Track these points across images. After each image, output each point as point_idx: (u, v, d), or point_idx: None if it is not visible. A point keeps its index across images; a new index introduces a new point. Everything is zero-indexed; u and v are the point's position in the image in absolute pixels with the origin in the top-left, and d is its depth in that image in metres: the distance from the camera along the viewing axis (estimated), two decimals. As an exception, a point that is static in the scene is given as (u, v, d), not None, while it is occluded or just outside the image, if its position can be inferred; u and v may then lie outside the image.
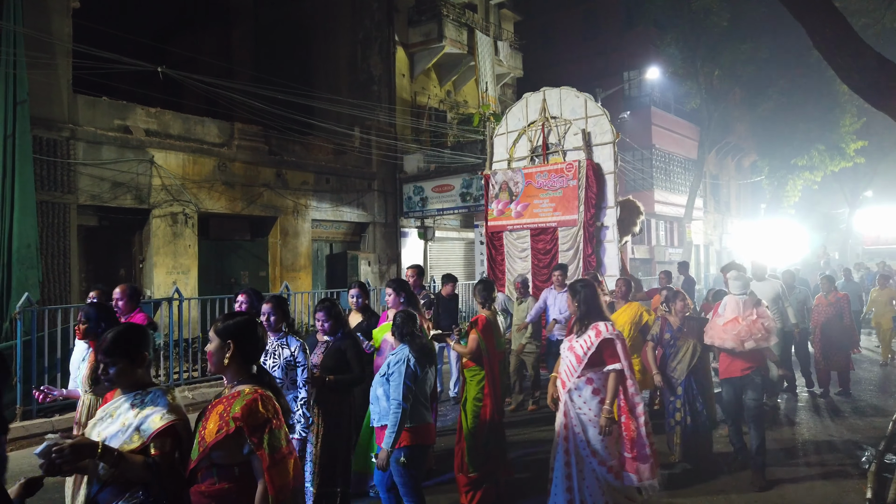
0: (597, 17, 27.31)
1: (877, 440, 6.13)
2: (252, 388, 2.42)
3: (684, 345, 5.66)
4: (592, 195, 9.09)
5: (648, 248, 27.56)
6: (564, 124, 9.64)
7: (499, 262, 10.23)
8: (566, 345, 4.22)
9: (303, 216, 14.97)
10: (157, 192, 12.06)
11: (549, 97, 9.85)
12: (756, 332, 5.24)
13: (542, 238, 9.67)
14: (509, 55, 21.08)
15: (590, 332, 4.07)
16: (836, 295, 8.89)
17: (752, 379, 5.32)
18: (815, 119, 24.56)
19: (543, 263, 9.58)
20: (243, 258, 14.31)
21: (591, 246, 9.05)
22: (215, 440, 2.32)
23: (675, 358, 5.68)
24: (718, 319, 5.47)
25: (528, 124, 10.11)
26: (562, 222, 9.45)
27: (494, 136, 10.60)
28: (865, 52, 6.51)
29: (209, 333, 2.57)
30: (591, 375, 4.04)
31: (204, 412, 2.47)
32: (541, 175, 9.71)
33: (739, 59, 21.32)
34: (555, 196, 9.53)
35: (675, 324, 5.75)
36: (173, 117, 12.66)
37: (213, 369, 2.55)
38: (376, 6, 18.48)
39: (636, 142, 25.07)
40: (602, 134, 9.30)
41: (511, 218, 10.06)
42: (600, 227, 9.14)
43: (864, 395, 8.70)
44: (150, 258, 12.07)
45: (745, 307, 5.39)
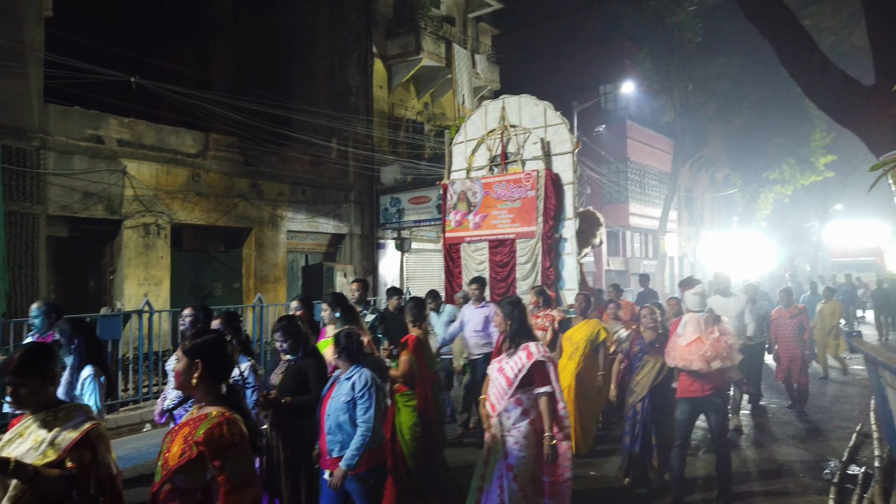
0: (573, 31, 27.64)
1: (839, 453, 6.24)
2: (219, 411, 2.36)
3: (651, 360, 5.41)
4: (551, 206, 8.80)
5: (623, 260, 27.82)
6: (524, 133, 9.38)
7: (456, 274, 9.86)
8: (495, 366, 4.06)
9: (278, 227, 14.87)
10: (129, 203, 11.90)
11: (508, 105, 9.58)
12: (722, 351, 5.03)
13: (500, 250, 9.35)
14: (487, 68, 21.25)
15: (520, 353, 3.93)
16: (796, 308, 8.84)
17: (713, 401, 5.08)
18: (785, 134, 25.07)
19: (501, 276, 9.26)
20: (217, 270, 14.17)
21: (550, 258, 8.73)
22: (178, 464, 2.26)
23: (640, 373, 5.44)
24: (680, 339, 5.20)
25: (488, 133, 9.82)
26: (520, 234, 9.14)
27: (453, 144, 10.29)
28: (830, 70, 6.67)
29: (177, 352, 2.51)
30: (521, 396, 3.90)
31: (169, 434, 2.41)
32: (499, 185, 9.41)
33: (712, 74, 21.70)
34: (513, 207, 9.22)
35: (649, 338, 5.52)
36: (147, 127, 12.53)
37: (180, 390, 2.49)
38: (355, 18, 18.53)
39: (612, 155, 25.35)
40: (561, 143, 9.04)
41: (469, 229, 9.74)
42: (559, 239, 8.83)
43: (821, 408, 8.67)
44: (121, 270, 11.89)
45: (707, 325, 5.16)
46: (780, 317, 8.78)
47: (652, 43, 21.98)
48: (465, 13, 21.51)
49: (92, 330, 4.27)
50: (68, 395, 3.91)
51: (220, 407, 2.39)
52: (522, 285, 8.93)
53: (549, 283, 8.52)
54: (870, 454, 5.85)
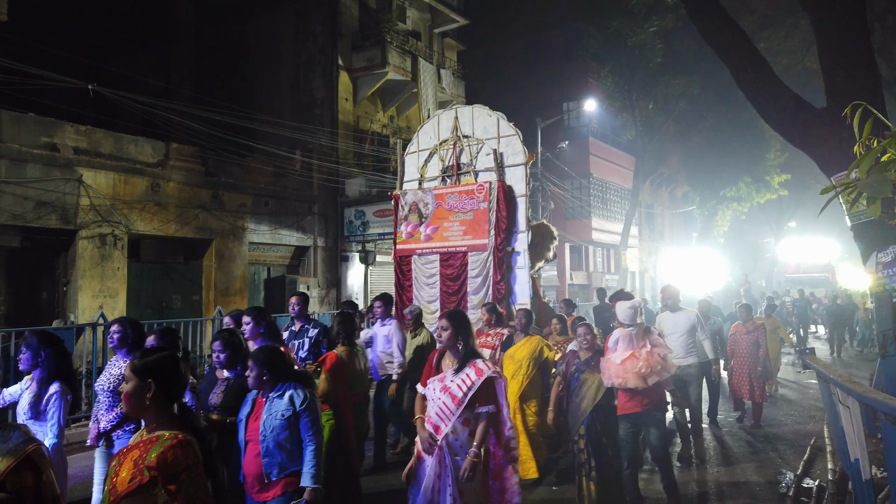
0: (537, 49, 28.06)
1: (794, 466, 6.37)
2: (172, 434, 2.27)
3: (590, 378, 5.13)
4: (503, 218, 8.55)
5: (586, 275, 28.16)
6: (477, 143, 9.17)
7: (406, 287, 9.56)
8: (436, 385, 3.75)
9: (240, 239, 14.64)
10: (84, 213, 11.59)
11: (461, 115, 9.37)
12: (656, 365, 4.92)
13: (451, 263, 9.05)
14: (452, 83, 21.40)
15: (468, 370, 3.69)
16: (754, 324, 8.77)
17: (652, 415, 4.98)
18: (741, 153, 25.82)
19: (452, 290, 8.99)
20: (176, 281, 13.86)
21: (501, 272, 8.46)
22: (128, 489, 2.16)
23: (578, 393, 5.15)
24: (614, 356, 5.05)
25: (440, 143, 9.55)
26: (472, 247, 8.86)
27: (406, 154, 10.05)
28: (784, 93, 6.89)
29: (124, 372, 2.38)
30: (469, 416, 3.67)
31: (117, 457, 2.31)
32: (451, 196, 9.15)
33: (672, 94, 22.25)
34: (465, 219, 8.95)
35: (585, 357, 5.25)
36: (104, 135, 12.24)
37: (130, 412, 2.36)
38: (320, 30, 18.48)
39: (575, 171, 25.72)
40: (514, 155, 8.86)
41: (420, 241, 9.43)
42: (511, 253, 8.55)
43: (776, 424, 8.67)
44: (75, 281, 11.54)
45: (638, 340, 5.05)
46: (738, 332, 8.73)
47: (614, 62, 22.46)
48: (430, 28, 21.66)
49: (59, 342, 4.10)
50: (34, 410, 3.79)
51: (173, 429, 2.30)
52: (473, 299, 8.73)
53: (500, 297, 8.31)
54: (823, 467, 6.00)
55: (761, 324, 8.88)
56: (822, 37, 6.86)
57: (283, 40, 19.19)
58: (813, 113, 6.72)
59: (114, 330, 4.48)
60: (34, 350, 3.87)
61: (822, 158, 6.72)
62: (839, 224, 35.43)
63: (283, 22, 19.17)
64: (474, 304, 8.58)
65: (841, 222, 31.63)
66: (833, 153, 6.53)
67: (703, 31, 7.34)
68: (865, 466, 3.60)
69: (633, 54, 21.30)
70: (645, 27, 20.28)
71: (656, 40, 20.57)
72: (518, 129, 8.97)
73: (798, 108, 6.78)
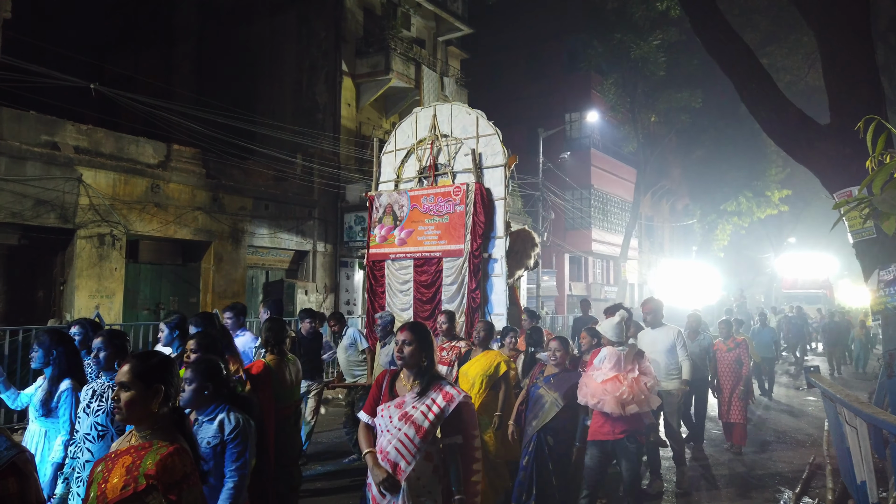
0: (541, 59, 28.14)
1: (792, 485, 6.31)
2: (167, 441, 2.19)
3: (545, 395, 4.76)
4: (480, 223, 8.06)
5: (585, 286, 28.12)
6: (455, 143, 8.72)
7: (379, 294, 9.12)
8: (392, 413, 3.11)
9: (239, 242, 14.60)
10: (83, 212, 11.54)
11: (439, 113, 8.98)
12: (639, 394, 4.56)
13: (425, 269, 8.59)
14: (455, 91, 21.41)
15: (434, 394, 3.14)
16: (735, 340, 8.33)
17: (624, 446, 4.58)
18: (743, 167, 25.88)
19: (426, 298, 8.53)
20: (173, 283, 13.81)
21: (476, 280, 7.98)
22: (120, 497, 2.08)
23: (532, 409, 4.81)
24: (596, 374, 4.66)
25: (418, 142, 9.13)
26: (447, 252, 8.37)
27: (382, 154, 9.63)
28: (788, 108, 6.88)
29: (120, 378, 2.24)
30: (431, 450, 3.11)
31: (102, 461, 2.22)
32: (427, 198, 8.69)
33: (674, 107, 22.31)
34: (441, 222, 8.49)
35: (549, 372, 4.89)
36: (105, 135, 12.22)
37: (128, 421, 2.23)
38: (324, 35, 18.51)
39: (576, 181, 25.74)
40: (493, 155, 8.38)
41: (394, 245, 8.98)
42: (487, 259, 8.07)
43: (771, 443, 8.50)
44: (73, 280, 11.48)
45: (626, 362, 4.65)
46: (719, 350, 8.30)
47: (617, 74, 22.53)
48: (434, 36, 21.71)
49: (71, 341, 4.09)
50: (45, 407, 3.77)
51: (168, 435, 2.22)
52: (448, 308, 8.17)
53: (475, 307, 7.91)
54: (823, 486, 5.94)
55: (742, 340, 8.42)
56: (826, 53, 6.86)
57: (286, 44, 19.21)
58: (816, 129, 6.71)
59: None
60: (46, 348, 3.86)
61: (825, 175, 6.71)
62: (837, 240, 35.61)
63: (287, 26, 19.19)
64: None
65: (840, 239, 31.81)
66: (836, 169, 6.52)
67: (708, 45, 7.34)
68: (872, 489, 3.54)
69: (636, 67, 21.38)
70: (648, 40, 20.36)
71: (659, 53, 20.64)
72: (498, 129, 8.46)
73: (801, 123, 6.77)
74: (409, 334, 3.18)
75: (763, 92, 6.92)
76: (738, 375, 8.12)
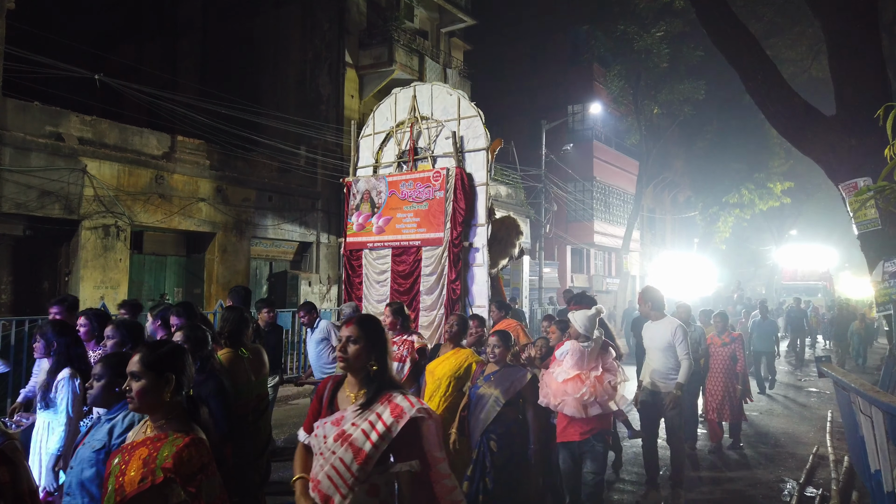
0: (544, 51, 28.05)
1: (795, 475, 6.36)
2: (182, 431, 2.17)
3: (486, 394, 4.25)
4: (461, 210, 7.63)
5: (587, 278, 28.15)
6: (436, 126, 8.21)
7: (356, 285, 8.70)
8: (328, 431, 2.38)
9: (243, 233, 14.63)
10: (88, 203, 11.57)
11: (419, 94, 8.47)
12: (602, 394, 4.23)
13: (403, 259, 8.19)
14: (458, 83, 21.35)
15: (380, 407, 2.38)
16: (731, 335, 7.82)
17: (591, 445, 4.32)
18: (745, 159, 25.85)
19: (403, 289, 8.13)
20: (178, 274, 13.86)
21: (456, 270, 7.54)
22: (137, 490, 2.05)
23: (474, 412, 4.28)
24: (557, 372, 4.33)
25: (397, 125, 8.64)
26: (426, 240, 7.94)
27: (361, 137, 9.17)
28: (794, 99, 6.88)
29: (130, 368, 2.21)
30: (377, 480, 2.36)
31: (120, 453, 2.19)
32: (406, 184, 8.24)
33: (677, 99, 22.26)
34: (420, 209, 8.06)
35: (490, 370, 4.38)
36: (110, 126, 12.23)
37: (140, 410, 2.21)
38: (327, 27, 18.46)
39: (578, 173, 25.73)
40: (475, 138, 7.90)
41: (372, 234, 8.55)
42: (468, 248, 7.63)
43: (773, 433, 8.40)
44: (77, 271, 11.53)
45: (590, 358, 4.29)
46: (712, 344, 7.74)
47: (620, 66, 22.48)
48: (438, 27, 21.64)
49: (73, 331, 4.09)
50: (44, 399, 3.73)
51: (183, 425, 2.20)
52: (427, 300, 7.94)
53: (455, 298, 7.51)
54: (826, 476, 5.98)
55: (738, 335, 7.92)
56: (832, 43, 6.84)
57: (290, 36, 19.17)
58: (822, 120, 6.71)
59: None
60: (48, 339, 3.85)
61: (831, 166, 6.71)
62: (837, 232, 35.65)
63: (291, 17, 19.14)
64: (427, 304, 7.87)
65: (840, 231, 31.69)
66: (842, 161, 6.52)
67: (713, 35, 7.32)
68: (888, 478, 3.55)
69: (639, 58, 21.31)
70: (652, 31, 20.28)
71: (663, 45, 20.56)
72: (480, 110, 7.96)
73: (807, 114, 6.76)
74: (355, 329, 2.47)
75: (769, 82, 6.91)
76: (732, 372, 7.64)
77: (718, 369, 7.68)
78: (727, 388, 7.56)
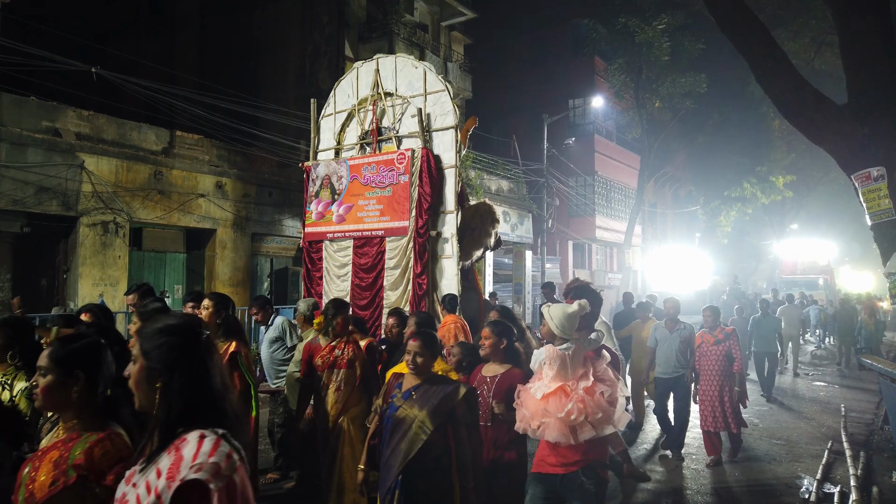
0: (545, 44, 27.89)
1: (811, 471, 6.24)
2: (97, 429, 1.99)
3: (407, 417, 3.21)
4: (426, 195, 6.85)
5: (589, 273, 28.05)
6: (401, 103, 7.45)
7: (316, 279, 7.97)
8: (121, 490, 1.62)
9: (243, 229, 14.49)
10: (86, 199, 11.43)
11: (382, 67, 7.67)
12: (594, 411, 3.16)
13: (366, 251, 7.47)
14: (458, 76, 21.22)
15: (164, 461, 1.54)
16: (724, 330, 6.70)
17: (579, 482, 3.20)
18: (747, 153, 25.73)
19: (365, 283, 7.40)
20: (177, 271, 13.73)
21: (422, 263, 6.80)
22: (48, 494, 1.87)
23: (389, 442, 3.24)
24: (536, 387, 3.32)
25: (359, 103, 7.84)
26: (390, 230, 7.20)
27: (321, 117, 8.35)
28: (804, 87, 6.74)
29: (38, 363, 2.04)
30: None
31: (30, 461, 2.01)
32: (368, 168, 7.45)
33: (678, 93, 22.10)
34: (383, 196, 7.31)
35: (409, 384, 3.34)
36: (108, 121, 12.09)
37: (46, 408, 2.06)
38: (327, 21, 18.31)
39: (579, 168, 25.61)
40: (443, 116, 7.10)
41: (332, 223, 7.83)
42: (436, 238, 6.91)
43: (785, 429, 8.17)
44: (76, 268, 11.40)
45: (574, 364, 3.25)
46: (704, 343, 6.71)
47: (621, 59, 22.33)
48: (438, 21, 21.49)
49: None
50: None
51: (96, 423, 2.02)
52: (391, 296, 7.16)
53: (422, 294, 6.80)
54: (844, 473, 5.85)
55: (732, 330, 6.78)
56: (844, 31, 6.72)
57: (289, 30, 19.02)
58: (833, 109, 6.58)
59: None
60: None
61: (842, 155, 6.58)
62: (838, 226, 35.47)
63: (290, 11, 19.00)
64: (391, 301, 7.10)
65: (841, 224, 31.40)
66: (853, 150, 6.40)
67: (722, 22, 7.18)
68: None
69: (640, 52, 21.16)
70: (653, 24, 20.13)
71: (664, 38, 20.41)
72: (448, 83, 7.26)
73: (818, 103, 6.63)
74: (141, 344, 1.71)
75: (779, 70, 6.77)
76: (727, 374, 6.54)
77: (712, 371, 6.56)
78: (722, 393, 6.47)
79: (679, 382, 6.73)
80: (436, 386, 3.29)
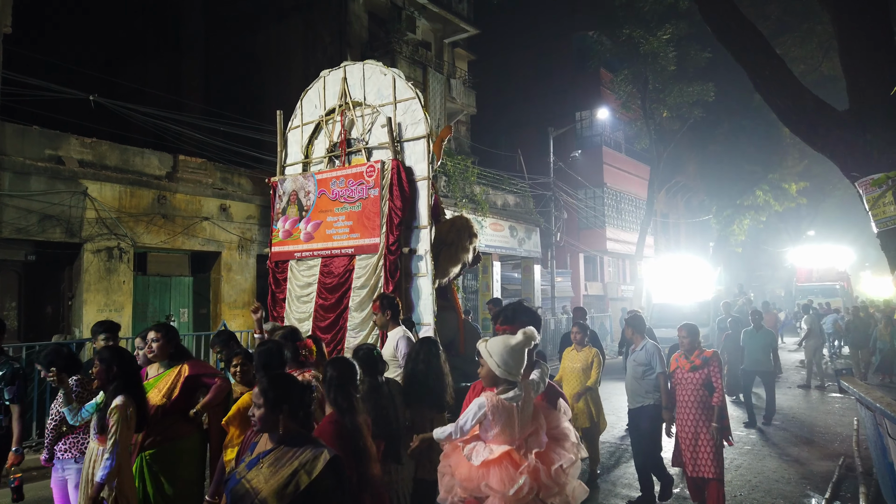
0: (549, 58, 27.87)
1: (820, 489, 6.01)
2: None
3: (244, 500, 2.43)
4: (397, 209, 6.43)
5: (602, 285, 27.78)
6: (371, 113, 7.08)
7: (280, 301, 7.51)
8: None
9: (248, 251, 14.48)
10: (90, 226, 11.48)
11: (350, 75, 7.30)
12: (549, 487, 2.58)
13: (331, 270, 7.02)
14: (462, 93, 21.22)
15: None
16: (702, 354, 5.54)
17: None
18: (759, 161, 25.45)
19: (329, 304, 6.92)
20: (183, 295, 13.72)
21: (394, 281, 6.29)
22: None
23: None
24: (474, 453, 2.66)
25: (326, 113, 7.49)
26: (360, 248, 6.74)
27: (288, 129, 8.00)
28: (804, 94, 6.60)
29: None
30: None
31: None
32: (337, 182, 7.06)
33: (686, 102, 21.95)
34: (353, 211, 6.88)
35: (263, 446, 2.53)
36: (110, 148, 12.16)
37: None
38: (329, 40, 18.42)
39: (588, 180, 25.44)
40: (414, 125, 6.72)
41: (300, 241, 7.40)
42: (409, 255, 6.44)
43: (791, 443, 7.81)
44: (80, 295, 11.42)
45: (524, 419, 2.63)
46: (679, 369, 5.61)
47: (626, 70, 22.24)
48: (441, 38, 21.55)
49: None
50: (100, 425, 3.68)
51: None
52: (356, 317, 6.67)
53: None
54: (854, 490, 5.63)
55: (713, 353, 5.59)
56: (843, 36, 6.57)
57: (292, 51, 19.16)
58: (834, 115, 6.43)
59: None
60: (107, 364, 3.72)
61: (845, 162, 6.42)
62: (854, 231, 34.90)
63: (292, 32, 19.15)
64: (356, 322, 6.63)
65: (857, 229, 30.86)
66: (856, 157, 6.23)
67: (718, 32, 7.07)
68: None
69: (646, 62, 21.07)
70: (658, 34, 20.05)
71: (669, 47, 20.32)
72: (419, 91, 6.86)
73: (818, 110, 6.48)
74: None
75: (777, 78, 6.64)
76: (705, 406, 5.41)
77: (687, 403, 5.48)
78: (699, 429, 5.37)
79: (641, 415, 5.76)
80: (293, 449, 2.42)
